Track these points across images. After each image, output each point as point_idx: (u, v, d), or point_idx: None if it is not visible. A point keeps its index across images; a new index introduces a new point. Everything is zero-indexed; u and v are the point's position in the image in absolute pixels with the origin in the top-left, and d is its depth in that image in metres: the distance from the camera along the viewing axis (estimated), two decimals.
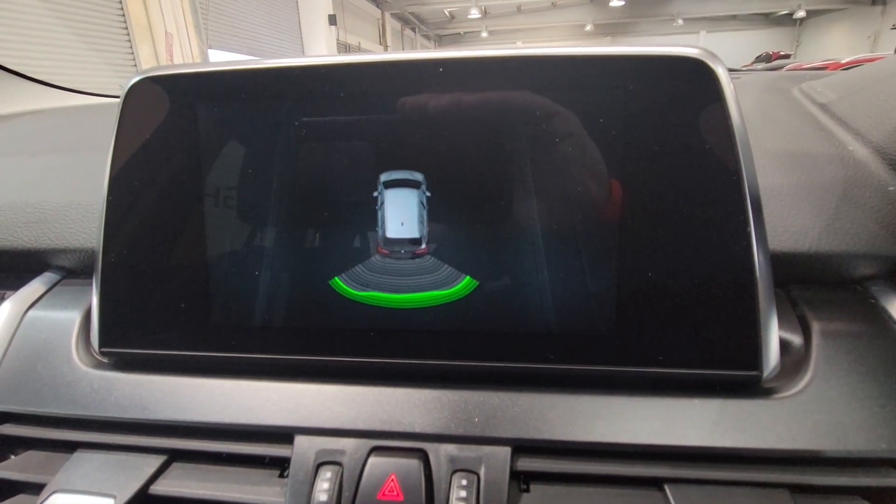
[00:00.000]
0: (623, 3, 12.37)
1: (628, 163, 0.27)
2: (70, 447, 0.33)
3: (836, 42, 13.25)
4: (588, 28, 15.82)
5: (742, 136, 0.26)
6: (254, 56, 6.24)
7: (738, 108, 0.26)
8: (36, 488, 0.31)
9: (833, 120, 0.39)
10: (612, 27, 16.28)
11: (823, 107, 0.42)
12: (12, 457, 0.34)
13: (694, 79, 0.26)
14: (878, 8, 11.81)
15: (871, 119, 0.35)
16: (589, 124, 0.27)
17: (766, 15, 14.76)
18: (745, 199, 0.26)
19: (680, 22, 14.78)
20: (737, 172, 0.26)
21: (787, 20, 14.63)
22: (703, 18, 14.89)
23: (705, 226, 0.27)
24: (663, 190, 0.27)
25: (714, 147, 0.26)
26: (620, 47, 0.27)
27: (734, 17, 14.99)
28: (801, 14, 13.12)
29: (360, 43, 10.18)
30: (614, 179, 0.27)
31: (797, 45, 15.05)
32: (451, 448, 0.28)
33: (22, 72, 0.80)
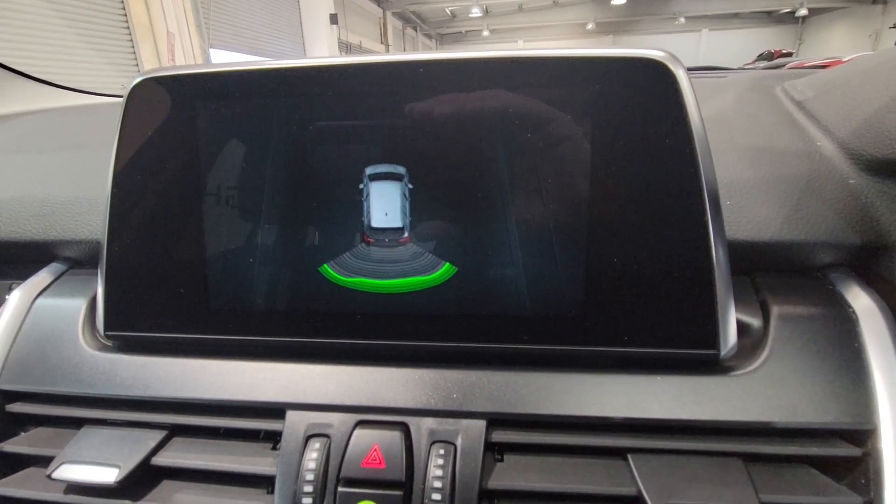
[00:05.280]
0: (624, 1, 12.35)
1: (596, 158, 0.29)
2: (77, 423, 0.35)
3: (838, 40, 13.22)
4: (589, 26, 15.81)
5: (700, 133, 0.28)
6: (255, 55, 6.27)
7: (696, 107, 0.28)
8: (45, 461, 0.33)
9: (807, 117, 0.41)
10: (614, 25, 16.26)
11: (800, 104, 0.43)
12: (22, 433, 0.36)
13: (655, 79, 0.28)
14: (879, 7, 11.77)
15: (838, 116, 0.37)
16: (560, 122, 0.29)
17: (769, 13, 14.72)
18: (703, 191, 0.28)
19: (682, 20, 14.75)
20: (694, 166, 0.28)
21: (790, 18, 14.59)
22: (705, 16, 14.86)
23: (666, 217, 0.29)
24: (628, 184, 0.29)
25: (673, 143, 0.28)
26: (587, 49, 0.29)
27: (736, 16, 14.96)
28: (803, 12, 13.08)
29: (361, 42, 10.20)
30: (583, 174, 0.29)
31: (799, 44, 15.01)
32: (430, 421, 0.30)
33: (27, 72, 0.83)
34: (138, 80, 0.33)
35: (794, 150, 0.37)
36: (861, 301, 0.31)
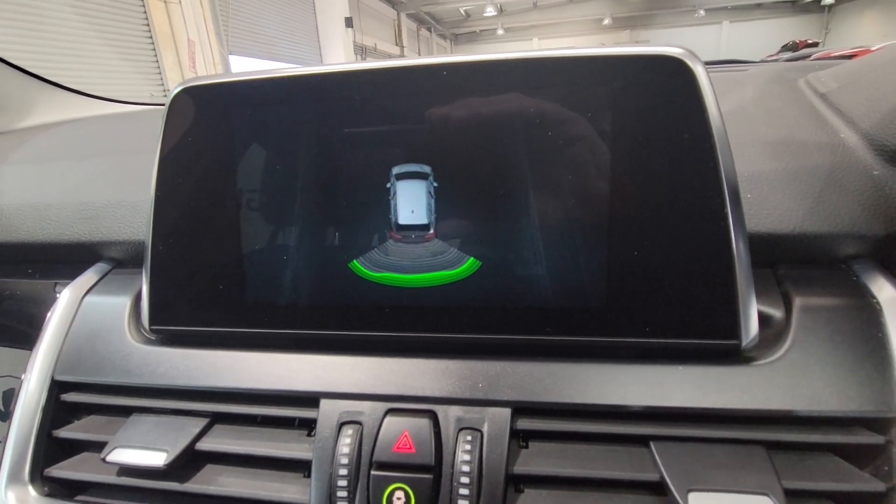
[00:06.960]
0: None
1: (616, 154, 0.30)
2: (126, 411, 0.37)
3: (867, 29, 12.72)
4: (606, 22, 15.59)
5: (719, 128, 0.28)
6: (273, 61, 6.39)
7: (715, 103, 0.29)
8: (97, 447, 0.36)
9: (830, 109, 0.41)
10: (631, 20, 16.00)
11: (823, 96, 0.43)
12: (76, 421, 0.39)
13: (673, 76, 0.29)
14: None
15: (863, 107, 0.37)
16: (580, 120, 0.30)
17: (793, 2, 14.27)
18: (722, 185, 0.28)
19: (701, 13, 14.41)
20: (714, 161, 0.28)
21: (815, 7, 14.10)
22: (726, 8, 14.49)
23: (687, 211, 0.29)
24: (649, 179, 0.29)
25: (693, 138, 0.29)
26: (606, 49, 0.30)
27: (758, 6, 14.53)
28: (829, 0, 12.66)
29: (376, 44, 10.27)
30: (604, 170, 0.30)
31: (826, 33, 14.49)
32: (457, 409, 0.31)
33: (63, 83, 0.87)
34: (179, 89, 0.36)
35: (817, 142, 0.37)
36: (885, 292, 0.31)
